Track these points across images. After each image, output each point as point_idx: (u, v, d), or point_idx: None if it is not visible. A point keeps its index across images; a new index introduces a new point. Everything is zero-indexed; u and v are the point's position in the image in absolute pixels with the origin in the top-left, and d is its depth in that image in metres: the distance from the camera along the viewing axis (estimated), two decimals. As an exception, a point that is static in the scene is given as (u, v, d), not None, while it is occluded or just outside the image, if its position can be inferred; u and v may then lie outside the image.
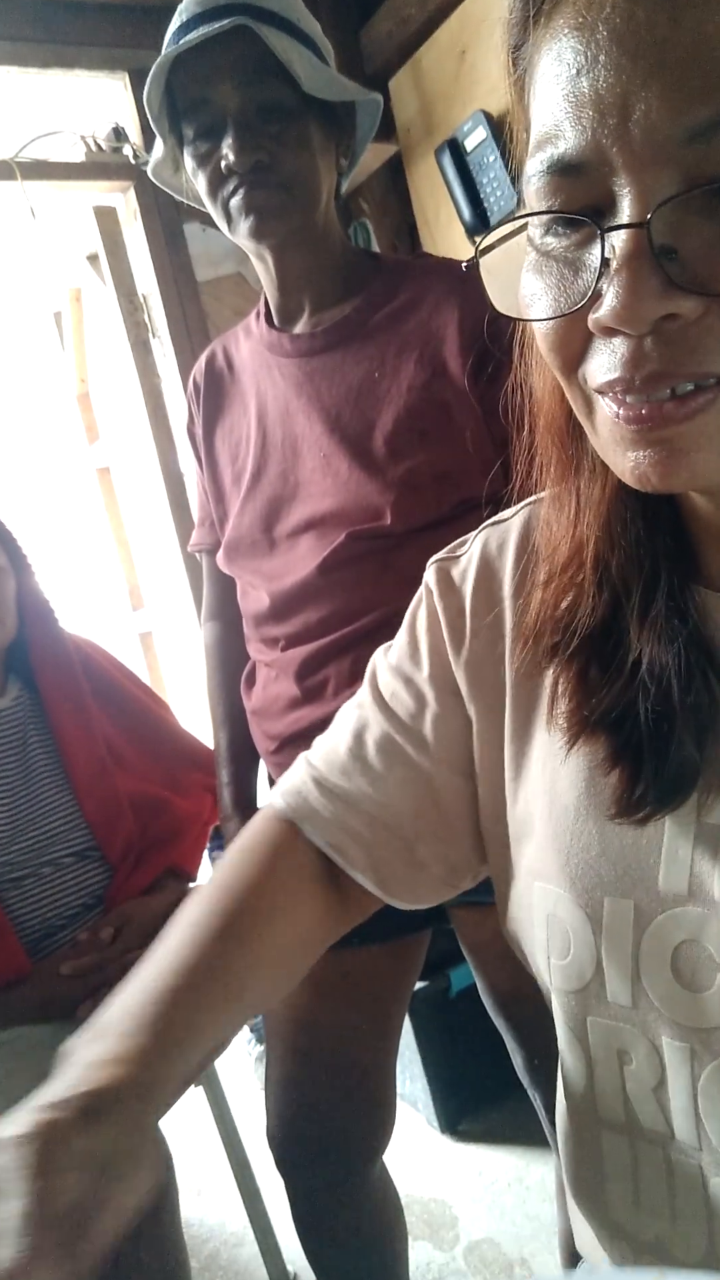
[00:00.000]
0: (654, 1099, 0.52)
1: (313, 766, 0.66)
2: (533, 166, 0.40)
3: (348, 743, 0.65)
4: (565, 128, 0.38)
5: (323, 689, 1.13)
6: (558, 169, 0.39)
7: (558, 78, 0.38)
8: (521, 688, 0.57)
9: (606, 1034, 0.53)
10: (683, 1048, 0.50)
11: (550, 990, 0.56)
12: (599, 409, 0.42)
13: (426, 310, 1.08)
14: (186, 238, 2.12)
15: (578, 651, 0.51)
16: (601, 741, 0.51)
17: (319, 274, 1.13)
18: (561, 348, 0.42)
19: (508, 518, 0.62)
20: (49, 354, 2.71)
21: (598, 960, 0.53)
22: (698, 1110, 0.50)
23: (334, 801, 0.63)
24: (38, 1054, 1.17)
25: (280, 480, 1.14)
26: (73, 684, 1.39)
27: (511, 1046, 1.24)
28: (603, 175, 0.37)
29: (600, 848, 0.52)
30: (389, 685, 0.65)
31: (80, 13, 1.92)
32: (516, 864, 0.59)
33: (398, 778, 0.62)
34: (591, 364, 0.41)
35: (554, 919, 0.55)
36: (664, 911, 0.50)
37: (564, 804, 0.54)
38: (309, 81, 1.01)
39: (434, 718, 0.62)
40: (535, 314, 0.42)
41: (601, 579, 0.50)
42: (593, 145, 0.37)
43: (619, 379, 0.39)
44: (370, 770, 0.63)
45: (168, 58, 0.99)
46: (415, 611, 0.65)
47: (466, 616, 0.61)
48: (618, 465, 0.43)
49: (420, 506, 1.06)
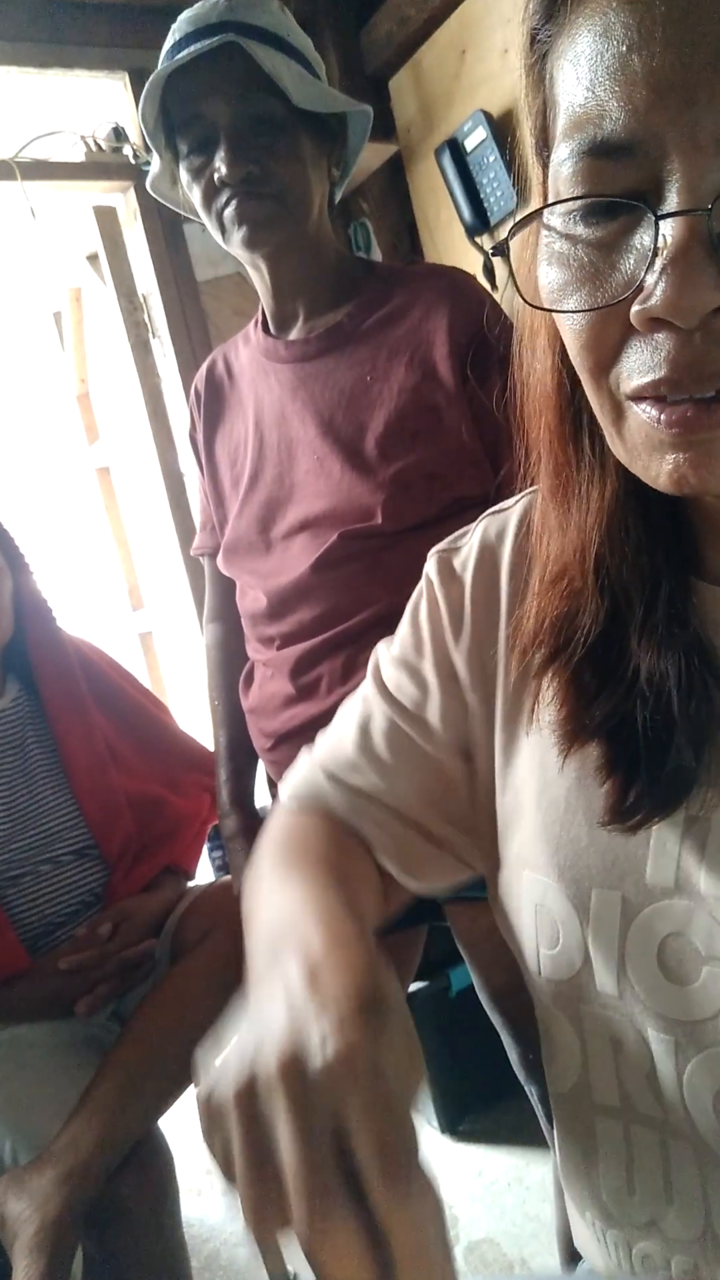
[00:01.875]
0: (646, 1084, 0.52)
1: (321, 763, 0.66)
2: (565, 150, 0.38)
3: (354, 737, 0.64)
4: (611, 107, 0.35)
5: (316, 686, 1.14)
6: (600, 150, 0.36)
7: (601, 55, 0.36)
8: (514, 677, 0.57)
9: (599, 1022, 0.53)
10: (667, 1040, 0.50)
11: (539, 978, 0.56)
12: (630, 415, 0.40)
13: (417, 315, 1.10)
14: (186, 238, 2.13)
15: (577, 661, 0.50)
16: (596, 749, 0.50)
17: (312, 281, 1.15)
18: (595, 345, 0.40)
19: (508, 506, 0.61)
20: (49, 354, 2.71)
21: (585, 951, 0.53)
22: (684, 1099, 0.50)
23: (350, 796, 0.63)
24: (36, 1052, 1.18)
25: (276, 483, 1.16)
26: (71, 684, 1.39)
27: (507, 1041, 1.25)
28: (652, 159, 0.35)
29: (589, 839, 0.52)
30: (392, 676, 0.65)
31: (80, 13, 1.93)
32: (505, 851, 0.59)
33: (407, 766, 0.62)
34: (628, 364, 0.39)
35: (542, 909, 0.55)
36: (651, 904, 0.50)
37: (554, 795, 0.54)
38: (298, 95, 1.03)
39: (438, 704, 0.61)
40: (567, 306, 0.40)
41: (602, 586, 0.49)
42: (646, 126, 0.35)
43: (664, 378, 0.37)
44: (379, 762, 0.63)
45: (161, 75, 1.02)
46: (417, 602, 0.65)
47: (466, 605, 0.60)
48: (651, 469, 0.41)
49: (411, 506, 1.08)
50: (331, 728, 0.68)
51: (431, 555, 0.64)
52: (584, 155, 0.37)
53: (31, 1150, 1.06)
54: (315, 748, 0.68)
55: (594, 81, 0.36)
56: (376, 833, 0.62)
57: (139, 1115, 1.10)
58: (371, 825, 0.63)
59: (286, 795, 0.68)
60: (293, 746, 1.17)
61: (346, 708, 0.68)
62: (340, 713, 0.69)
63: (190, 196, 1.11)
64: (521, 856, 0.56)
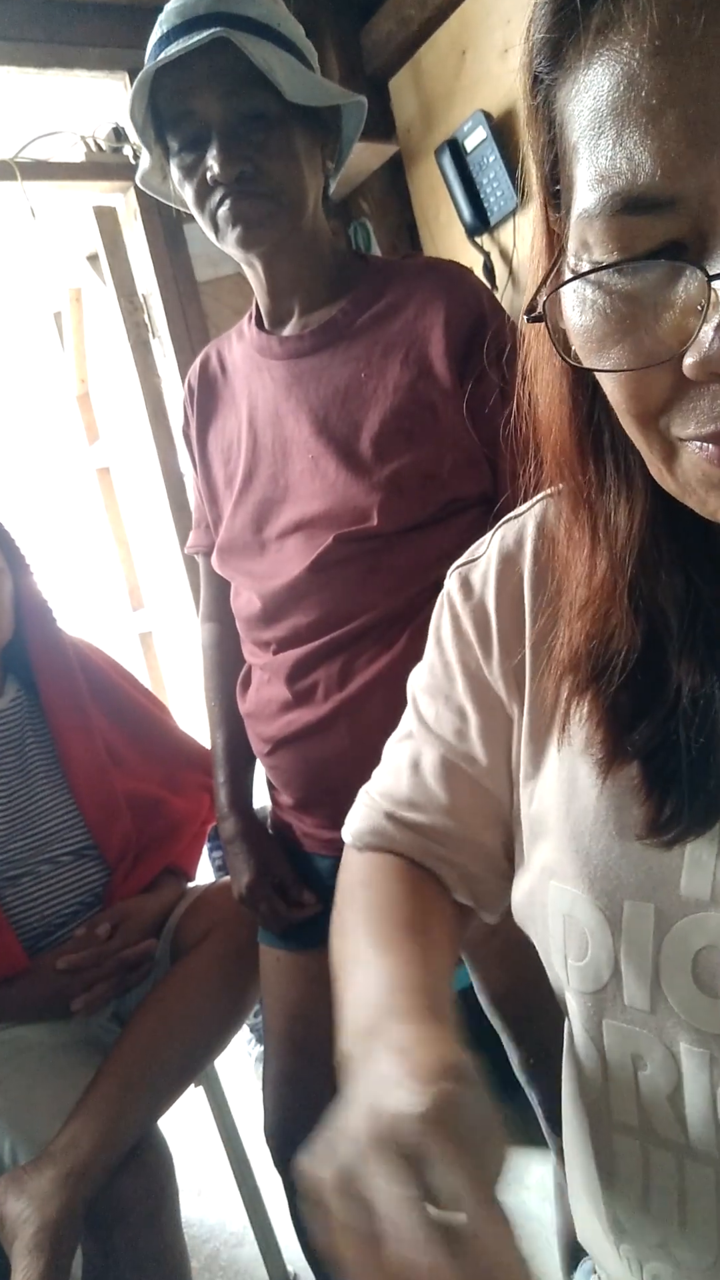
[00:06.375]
0: (668, 1105, 0.51)
1: (382, 804, 0.66)
2: (593, 200, 0.37)
3: (407, 777, 0.64)
4: (643, 160, 0.35)
5: (313, 692, 1.13)
6: (636, 205, 0.36)
7: (628, 106, 0.35)
8: (539, 686, 0.56)
9: (621, 1037, 0.53)
10: (702, 1054, 0.49)
11: (565, 989, 0.56)
12: (685, 454, 0.40)
13: (413, 310, 1.08)
14: (186, 238, 2.13)
15: (618, 686, 0.49)
16: (633, 768, 0.49)
17: (308, 278, 1.13)
18: (643, 396, 0.39)
19: (523, 512, 0.60)
20: (49, 354, 2.71)
21: (615, 963, 0.52)
22: (716, 1117, 0.49)
23: (415, 835, 0.63)
24: (36, 1052, 1.18)
25: (271, 482, 1.15)
26: (71, 684, 1.39)
27: (507, 1044, 1.24)
28: (692, 213, 0.35)
29: (621, 850, 0.51)
30: (429, 709, 0.64)
31: (80, 13, 1.93)
32: (529, 860, 0.58)
33: (464, 798, 0.62)
34: (682, 410, 0.38)
35: (571, 920, 0.54)
36: (685, 916, 0.49)
37: (584, 806, 0.53)
38: (290, 88, 1.01)
39: (478, 730, 0.61)
40: (610, 362, 0.39)
41: (636, 610, 0.48)
42: (686, 180, 0.34)
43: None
44: (436, 799, 0.63)
45: (149, 71, 0.99)
46: (438, 625, 0.64)
47: (491, 619, 0.59)
48: (709, 505, 0.40)
49: (407, 507, 1.07)
50: (384, 766, 0.68)
51: (451, 573, 0.63)
52: (619, 212, 0.36)
53: (31, 1150, 1.06)
54: (371, 785, 0.68)
55: (622, 134, 0.35)
56: (448, 870, 0.63)
57: (139, 1115, 1.10)
58: (441, 864, 0.63)
59: (351, 835, 0.68)
60: (290, 752, 1.17)
61: (394, 746, 0.68)
62: (389, 750, 0.68)
63: (182, 194, 1.09)
64: (548, 867, 0.56)
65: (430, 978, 0.52)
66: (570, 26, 0.37)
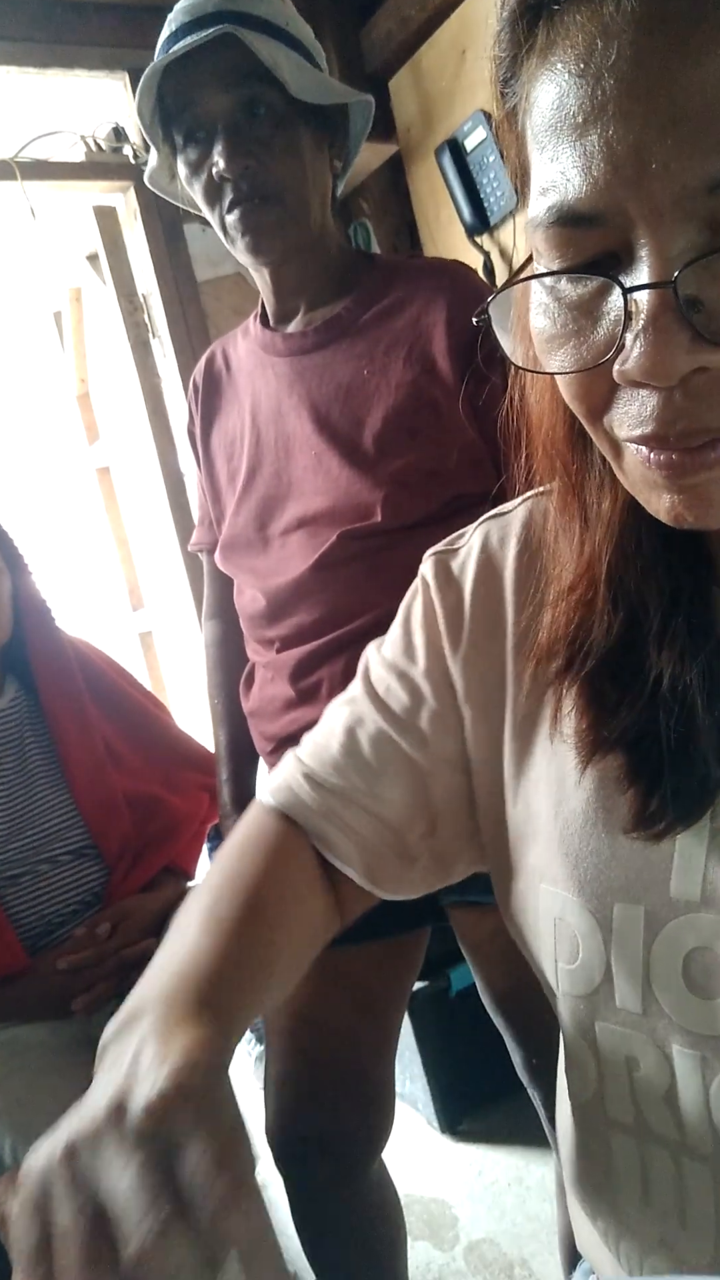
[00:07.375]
0: (664, 1104, 0.51)
1: (303, 763, 0.65)
2: (539, 212, 0.38)
3: (340, 739, 0.64)
4: (573, 176, 0.36)
5: (317, 690, 1.13)
6: (568, 220, 0.37)
7: (559, 125, 0.36)
8: (526, 688, 0.56)
9: (614, 1039, 0.53)
10: (694, 1055, 0.49)
11: (556, 993, 0.56)
12: (627, 453, 0.42)
13: (416, 308, 1.09)
14: (186, 238, 2.13)
15: (594, 672, 0.50)
16: (617, 759, 0.50)
17: (315, 279, 1.14)
18: (586, 397, 0.41)
19: (509, 510, 0.60)
20: (49, 354, 2.71)
21: (607, 966, 0.52)
22: (711, 1118, 0.49)
23: (326, 796, 0.62)
24: (36, 1052, 1.18)
25: (274, 479, 1.15)
26: (70, 684, 1.39)
27: (511, 1044, 1.24)
28: (618, 227, 0.36)
29: (610, 852, 0.51)
30: (382, 680, 0.64)
31: (80, 13, 1.93)
32: (518, 863, 0.58)
33: (392, 773, 0.61)
34: (618, 413, 0.40)
35: (561, 923, 0.54)
36: (676, 918, 0.49)
37: (572, 807, 0.53)
38: (297, 86, 1.01)
39: (430, 713, 0.61)
40: (555, 364, 0.41)
41: (616, 596, 0.48)
42: (607, 197, 0.36)
43: (650, 434, 0.38)
44: (364, 766, 0.62)
45: (157, 67, 1.00)
46: (410, 604, 0.64)
47: (465, 612, 0.60)
48: (651, 504, 0.42)
49: (410, 504, 1.07)
50: (319, 727, 0.67)
51: (428, 557, 0.63)
52: (555, 223, 0.38)
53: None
54: (301, 746, 0.68)
55: (556, 152, 0.37)
56: (341, 838, 0.62)
57: (139, 1115, 1.10)
58: (338, 830, 0.62)
59: (266, 790, 0.67)
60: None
61: (335, 708, 0.67)
62: (328, 712, 0.68)
63: (190, 192, 1.09)
64: (538, 869, 0.56)
65: (231, 968, 0.51)
66: (521, 45, 0.39)
